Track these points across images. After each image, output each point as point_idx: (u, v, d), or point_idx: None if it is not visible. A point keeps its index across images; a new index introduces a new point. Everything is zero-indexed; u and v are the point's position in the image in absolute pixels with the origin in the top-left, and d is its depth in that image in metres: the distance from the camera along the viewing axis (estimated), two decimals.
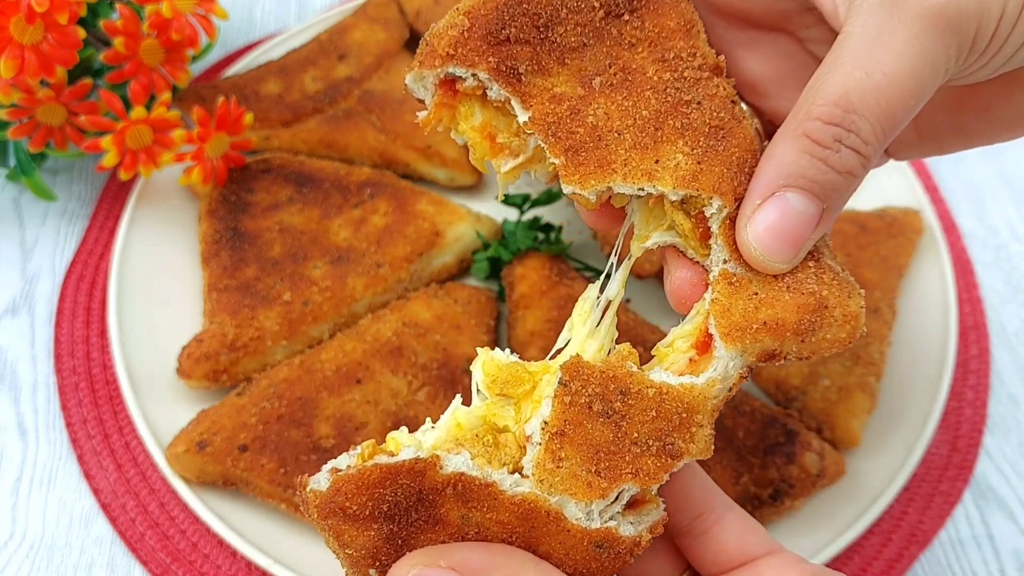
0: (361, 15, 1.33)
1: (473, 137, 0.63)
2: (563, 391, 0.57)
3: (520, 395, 0.60)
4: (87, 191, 1.24)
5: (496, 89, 0.61)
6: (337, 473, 0.55)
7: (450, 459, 0.56)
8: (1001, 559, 0.95)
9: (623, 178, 0.59)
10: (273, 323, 1.00)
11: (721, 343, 0.57)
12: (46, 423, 1.03)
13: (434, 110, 0.64)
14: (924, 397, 0.98)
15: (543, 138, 0.60)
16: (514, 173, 0.64)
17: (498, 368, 0.61)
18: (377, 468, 0.54)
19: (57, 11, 0.96)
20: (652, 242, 0.63)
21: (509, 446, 0.59)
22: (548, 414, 0.57)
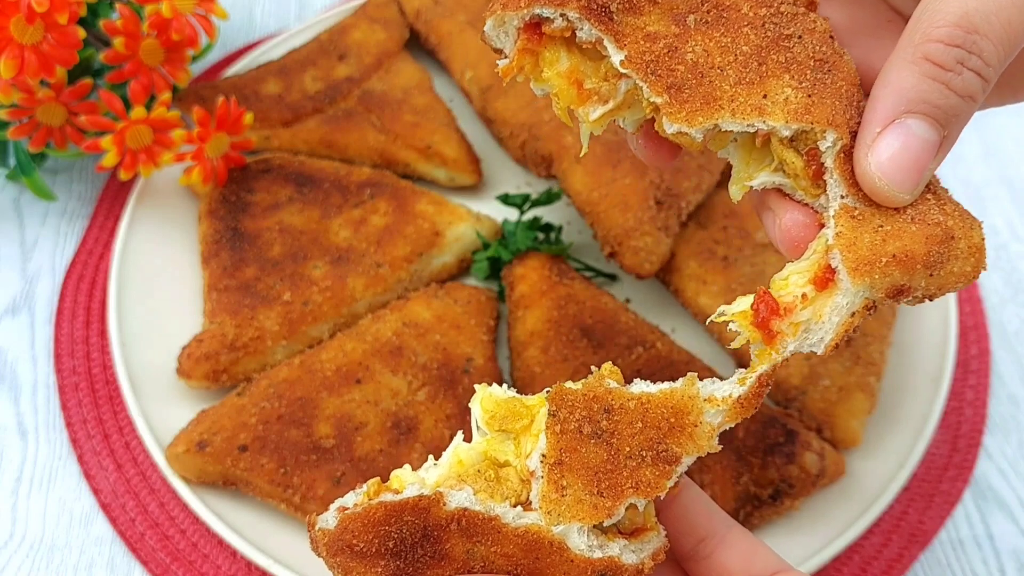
0: (361, 15, 1.33)
1: (559, 84, 0.59)
2: (552, 421, 0.58)
3: (519, 430, 0.60)
4: (87, 191, 1.24)
5: (587, 29, 0.57)
6: (344, 511, 0.57)
7: (453, 495, 0.56)
8: (1001, 559, 0.95)
9: (731, 114, 0.56)
10: (273, 323, 1.00)
11: (848, 278, 0.54)
12: (46, 423, 1.03)
13: (516, 57, 0.59)
14: (924, 397, 0.98)
15: (641, 77, 0.57)
16: (603, 120, 0.60)
17: (496, 404, 0.61)
18: (382, 506, 0.56)
19: (57, 11, 0.97)
20: (759, 181, 0.59)
21: (511, 480, 0.59)
22: (544, 446, 0.58)
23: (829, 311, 0.55)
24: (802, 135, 0.57)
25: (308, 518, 0.59)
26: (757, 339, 0.58)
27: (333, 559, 0.57)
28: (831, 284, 0.55)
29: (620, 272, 1.11)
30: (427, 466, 0.61)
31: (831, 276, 0.55)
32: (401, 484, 0.59)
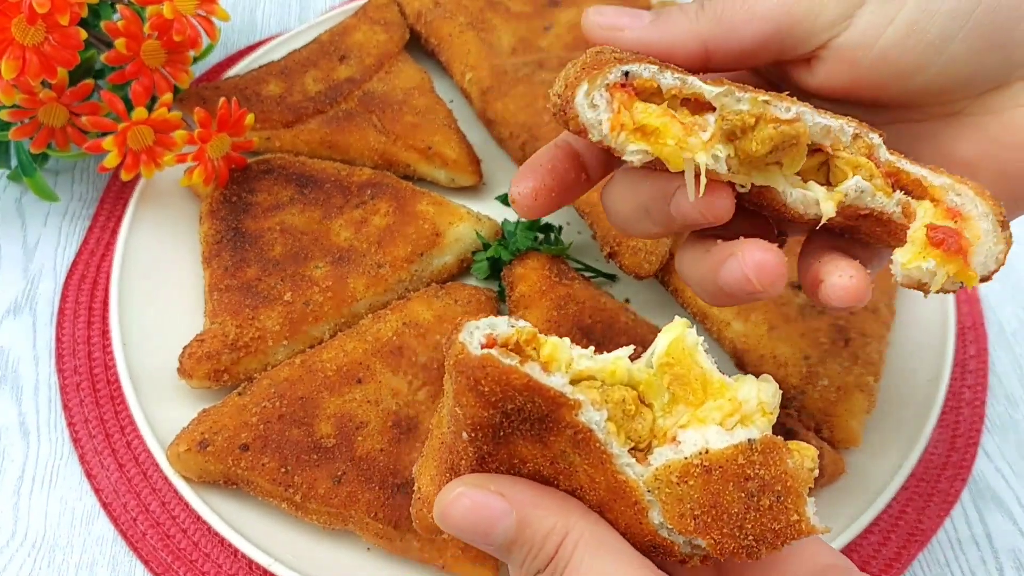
0: (362, 16, 1.34)
1: (663, 122, 0.60)
2: (747, 448, 0.57)
3: (684, 396, 0.60)
4: (89, 191, 1.25)
5: (670, 75, 0.61)
6: (491, 348, 0.56)
7: (589, 412, 0.56)
8: (999, 558, 0.95)
9: (815, 112, 0.61)
10: (274, 323, 1.01)
11: (979, 199, 0.59)
12: (48, 423, 1.03)
13: (619, 109, 0.61)
14: (923, 397, 0.99)
15: (740, 89, 0.60)
16: (709, 145, 0.61)
17: (682, 355, 0.60)
18: (526, 378, 0.55)
19: (58, 12, 0.97)
20: (851, 185, 0.61)
21: (644, 422, 0.59)
22: (714, 445, 0.57)
23: (983, 231, 0.59)
24: (854, 143, 0.61)
25: (457, 324, 0.57)
26: (955, 268, 0.59)
27: (458, 375, 0.56)
28: (961, 219, 0.59)
29: (619, 272, 1.11)
30: (584, 353, 0.59)
31: (957, 215, 0.59)
32: (553, 359, 0.58)
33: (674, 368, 0.60)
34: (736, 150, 0.61)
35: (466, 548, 0.87)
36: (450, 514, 0.58)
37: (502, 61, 1.25)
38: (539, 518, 0.58)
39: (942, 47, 0.60)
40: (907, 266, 0.60)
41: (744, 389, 0.59)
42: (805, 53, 0.64)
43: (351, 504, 0.88)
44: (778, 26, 0.63)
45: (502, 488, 0.58)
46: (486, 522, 0.57)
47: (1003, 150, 0.63)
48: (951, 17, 0.60)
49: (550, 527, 0.57)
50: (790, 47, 0.64)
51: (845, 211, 0.62)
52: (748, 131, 0.60)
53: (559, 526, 0.57)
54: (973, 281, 0.59)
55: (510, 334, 0.57)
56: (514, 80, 1.22)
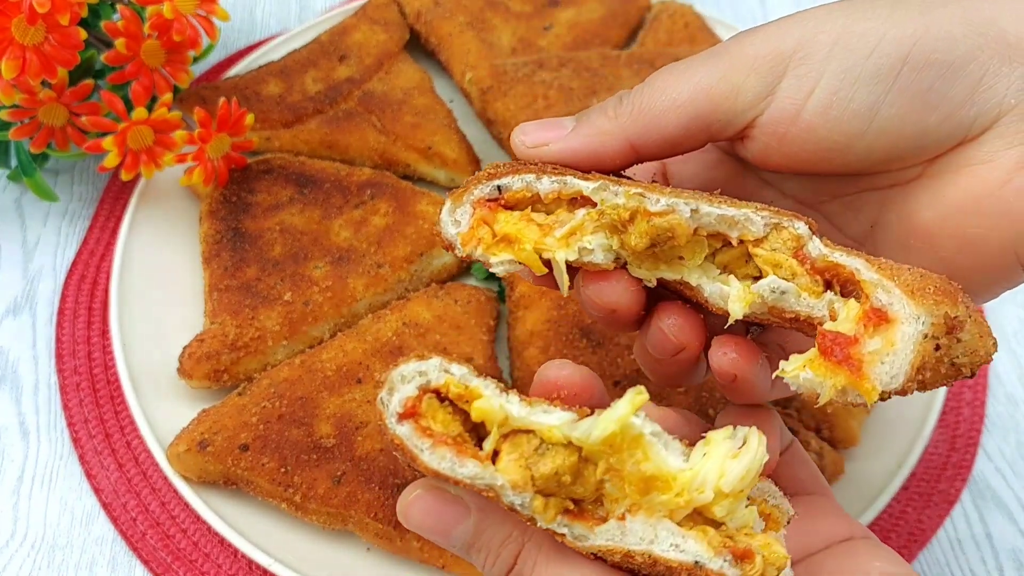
0: (361, 16, 1.34)
1: (520, 226, 0.61)
2: (693, 568, 0.54)
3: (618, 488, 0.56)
4: (88, 191, 1.25)
5: (547, 180, 0.61)
6: (411, 416, 0.55)
7: (509, 496, 0.55)
8: (999, 558, 0.95)
9: (707, 202, 0.59)
10: (274, 323, 1.01)
11: (908, 303, 0.53)
12: (47, 423, 1.03)
13: (475, 224, 0.62)
14: (922, 397, 0.99)
15: (614, 183, 0.60)
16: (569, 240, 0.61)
17: (624, 443, 0.55)
18: (433, 472, 0.54)
19: (58, 12, 0.97)
20: (766, 284, 0.58)
21: (586, 485, 0.56)
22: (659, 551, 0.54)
23: (899, 339, 0.53)
24: (774, 234, 0.58)
25: (383, 377, 0.56)
26: (844, 380, 0.54)
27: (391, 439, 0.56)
28: (884, 323, 0.54)
29: None
30: (520, 410, 0.55)
31: (882, 316, 0.54)
32: (486, 416, 0.55)
33: (611, 458, 0.55)
34: (622, 244, 0.60)
35: None
36: (410, 514, 0.60)
37: (502, 61, 1.25)
38: (496, 523, 0.59)
39: (870, 115, 0.58)
40: (786, 374, 0.57)
41: (702, 474, 0.55)
42: (733, 134, 0.62)
43: (351, 504, 0.88)
44: (698, 111, 0.61)
45: (462, 492, 0.59)
46: (444, 524, 0.59)
47: (960, 215, 0.59)
48: (873, 82, 0.57)
49: (506, 534, 0.58)
50: (717, 131, 0.62)
51: (772, 311, 0.59)
52: (627, 225, 0.59)
53: (515, 535, 0.58)
54: (872, 396, 0.53)
55: (440, 384, 0.56)
56: (514, 80, 1.22)
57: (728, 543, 0.55)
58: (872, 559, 0.60)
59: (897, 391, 0.54)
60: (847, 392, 0.55)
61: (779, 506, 0.60)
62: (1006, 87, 0.57)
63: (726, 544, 0.55)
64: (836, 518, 0.65)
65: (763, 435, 0.56)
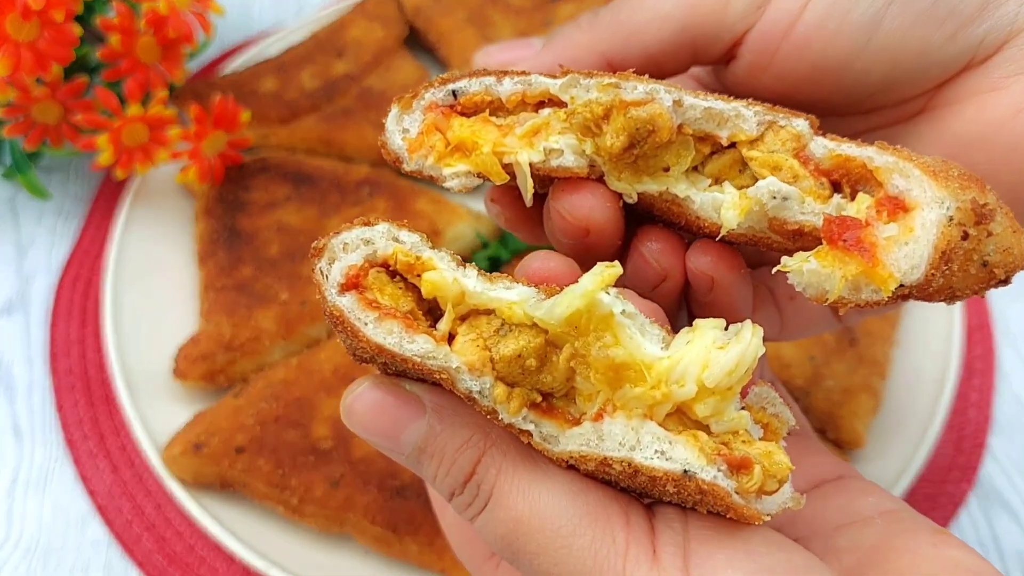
0: (359, 12, 1.32)
1: (476, 128, 0.54)
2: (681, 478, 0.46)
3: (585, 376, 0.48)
4: (82, 189, 1.23)
5: (509, 82, 0.53)
6: (353, 287, 0.48)
7: (466, 382, 0.48)
8: (1006, 561, 0.94)
9: (692, 94, 0.51)
10: (270, 323, 0.99)
11: (931, 184, 0.45)
12: (41, 424, 1.02)
13: (426, 130, 0.55)
14: (929, 398, 0.97)
15: (584, 75, 0.52)
16: (532, 140, 0.53)
17: (591, 322, 0.47)
18: (377, 347, 0.47)
19: (53, 8, 0.96)
20: (765, 187, 0.50)
21: (555, 372, 0.48)
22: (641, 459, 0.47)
23: (920, 225, 0.45)
24: (770, 134, 0.52)
25: (320, 242, 0.49)
26: (855, 268, 0.47)
27: (322, 313, 0.49)
28: (901, 211, 0.46)
29: None
30: (479, 284, 0.48)
31: (899, 203, 0.47)
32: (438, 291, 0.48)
33: (576, 342, 0.47)
34: (597, 148, 0.52)
35: None
36: (354, 410, 0.51)
37: None
38: (455, 424, 0.50)
39: (870, 28, 0.52)
40: (788, 268, 0.49)
41: (683, 364, 0.47)
42: (721, 52, 0.56)
43: (348, 507, 0.87)
44: (684, 24, 0.55)
45: (416, 390, 0.51)
46: (393, 422, 0.51)
47: (968, 150, 0.54)
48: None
49: (465, 438, 0.50)
50: (702, 47, 0.56)
51: (773, 224, 0.51)
52: (602, 123, 0.51)
53: (476, 439, 0.50)
54: (888, 285, 0.46)
55: (388, 253, 0.49)
56: None
57: (723, 451, 0.47)
58: (864, 496, 0.54)
59: (919, 283, 0.46)
60: (860, 285, 0.47)
61: (779, 415, 0.51)
62: (1019, 4, 0.51)
63: (720, 452, 0.47)
64: (821, 456, 0.59)
65: (758, 327, 0.48)
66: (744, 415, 0.48)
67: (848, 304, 0.48)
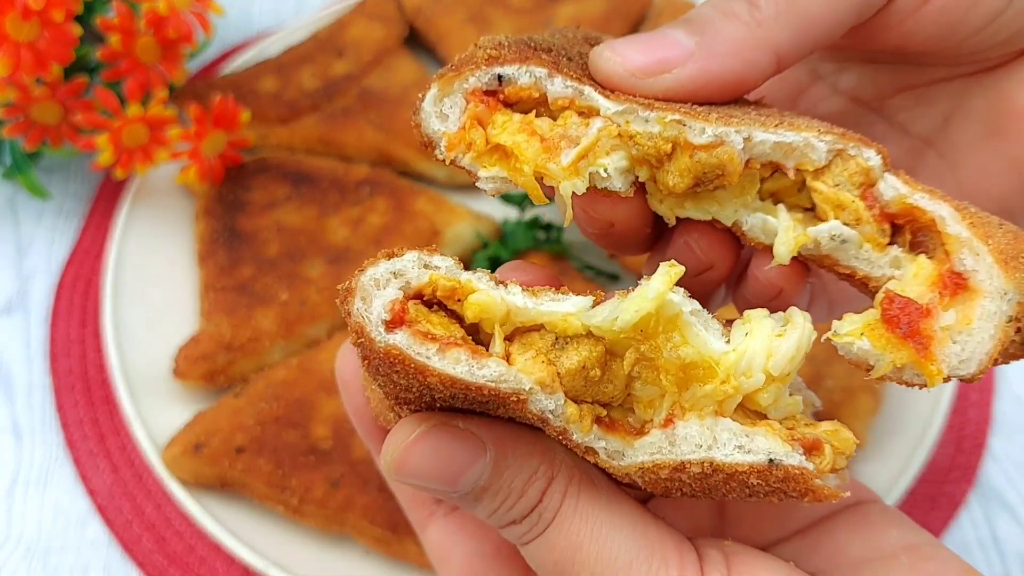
0: (359, 12, 1.32)
1: (518, 140, 0.50)
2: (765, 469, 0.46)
3: (652, 379, 0.47)
4: (82, 189, 1.23)
5: (561, 82, 0.49)
6: (399, 324, 0.44)
7: (540, 401, 0.45)
8: (1007, 562, 0.94)
9: (760, 126, 0.48)
10: (270, 323, 0.99)
11: (1000, 274, 0.44)
12: (41, 424, 1.02)
13: (468, 123, 0.50)
14: (928, 398, 0.97)
15: (644, 107, 0.48)
16: (578, 167, 0.49)
17: (659, 325, 0.46)
18: (450, 380, 0.43)
19: (53, 8, 0.96)
20: (826, 229, 0.48)
21: (615, 381, 0.47)
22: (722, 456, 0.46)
23: (979, 316, 0.45)
24: (838, 163, 0.49)
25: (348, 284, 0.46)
26: (906, 357, 0.46)
27: (363, 360, 0.45)
28: (963, 291, 0.45)
29: (621, 271, 1.10)
30: (523, 300, 0.46)
31: (962, 282, 0.45)
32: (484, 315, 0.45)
33: (642, 345, 0.46)
34: (653, 180, 0.50)
35: None
36: (410, 459, 0.46)
37: None
38: (520, 458, 0.47)
39: None
40: (839, 338, 0.48)
41: (748, 356, 0.47)
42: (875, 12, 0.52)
43: (348, 508, 0.87)
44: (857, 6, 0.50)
45: (471, 426, 0.47)
46: (456, 464, 0.46)
47: None
48: None
49: (533, 470, 0.47)
50: (865, 11, 0.52)
51: (824, 260, 0.50)
52: (665, 160, 0.49)
53: (543, 469, 0.47)
54: (935, 380, 0.45)
55: (423, 284, 0.46)
56: None
57: (796, 435, 0.47)
58: (888, 527, 0.52)
59: (965, 379, 0.45)
60: (905, 371, 0.47)
61: (805, 398, 0.51)
62: None
63: (793, 436, 0.46)
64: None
65: (807, 313, 0.48)
66: (798, 399, 0.48)
67: (888, 380, 0.47)
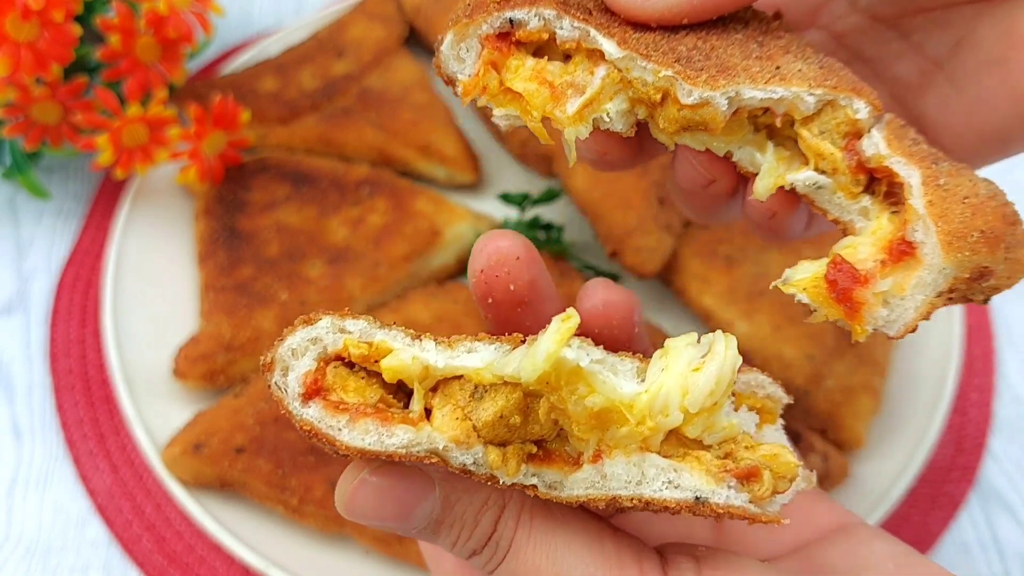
0: (359, 12, 1.32)
1: (529, 88, 0.54)
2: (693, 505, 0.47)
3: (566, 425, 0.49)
4: (82, 189, 1.23)
5: (568, 24, 0.53)
6: (314, 394, 0.46)
7: (458, 457, 0.47)
8: (1006, 562, 0.94)
9: (750, 80, 0.51)
10: (270, 323, 0.99)
11: (940, 252, 0.47)
12: (41, 424, 1.02)
13: (482, 70, 0.54)
14: (929, 398, 0.97)
15: (643, 54, 0.52)
16: (583, 115, 0.54)
17: (563, 377, 0.47)
18: (360, 452, 0.46)
19: (53, 8, 0.96)
20: (801, 177, 0.53)
21: (541, 421, 0.48)
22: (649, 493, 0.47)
23: (913, 286, 0.49)
24: (827, 112, 0.52)
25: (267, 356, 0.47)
26: (837, 314, 0.51)
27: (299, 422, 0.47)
28: (908, 258, 0.49)
29: (622, 272, 1.10)
30: (438, 354, 0.47)
31: (909, 250, 0.49)
32: (401, 374, 0.47)
33: (551, 397, 0.47)
34: (650, 116, 0.55)
35: None
36: (355, 504, 0.48)
37: None
38: (469, 490, 0.49)
39: None
40: (787, 287, 0.53)
41: (663, 394, 0.47)
42: None
43: None
44: None
45: (411, 470, 0.49)
46: (403, 504, 0.48)
47: None
48: None
49: (483, 500, 0.49)
50: None
51: (803, 198, 0.55)
52: (656, 107, 0.53)
53: (493, 498, 0.49)
54: (859, 336, 0.51)
55: (339, 347, 0.47)
56: None
57: (727, 465, 0.47)
58: (873, 540, 0.55)
59: (889, 337, 0.51)
60: (838, 322, 0.52)
61: (770, 395, 0.52)
62: None
63: (726, 468, 0.47)
64: (828, 504, 0.60)
65: (731, 336, 0.49)
66: (735, 422, 0.48)
67: (808, 319, 0.52)
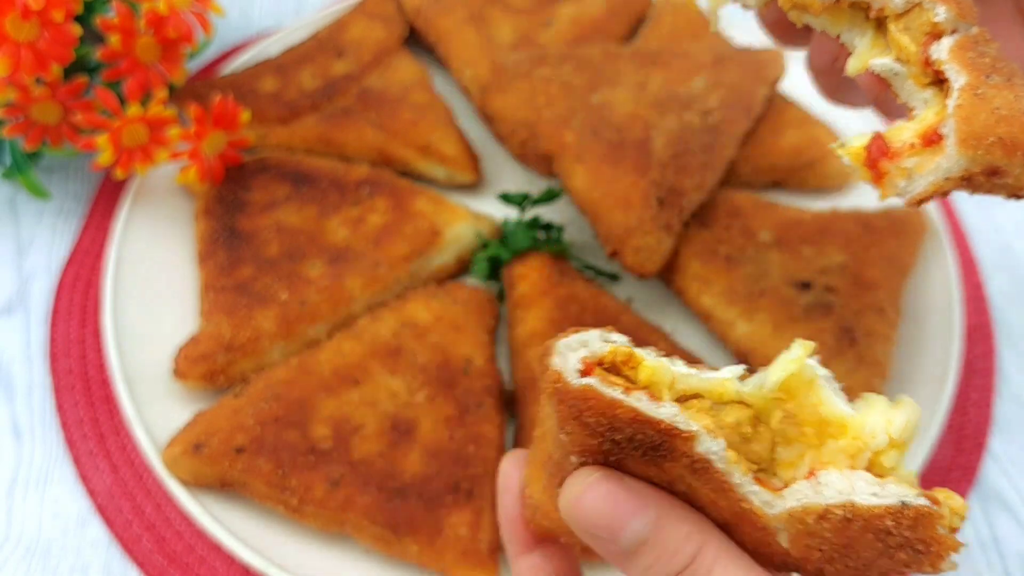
0: (359, 12, 1.32)
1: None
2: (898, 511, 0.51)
3: (794, 436, 0.54)
4: (82, 189, 1.23)
5: None
6: (590, 374, 0.52)
7: (706, 443, 0.52)
8: (1007, 562, 0.94)
9: None
10: (270, 323, 0.99)
11: (955, 146, 0.58)
12: (41, 424, 1.02)
13: None
14: (929, 398, 0.97)
15: None
16: None
17: (799, 389, 0.54)
18: (634, 412, 0.51)
19: (53, 8, 0.96)
20: (880, 63, 0.65)
21: (762, 443, 0.54)
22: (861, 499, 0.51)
23: (930, 169, 0.60)
24: (916, 12, 0.62)
25: (547, 345, 0.53)
26: (866, 176, 0.64)
27: (559, 404, 0.53)
28: (935, 146, 0.60)
29: (622, 272, 1.10)
30: (686, 371, 0.55)
31: (937, 140, 0.60)
32: (655, 380, 0.54)
33: (786, 404, 0.54)
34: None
35: (466, 552, 0.86)
36: (585, 502, 0.53)
37: (502, 56, 1.23)
38: (677, 519, 0.53)
39: None
40: (841, 149, 0.66)
41: (871, 421, 0.54)
42: None
43: (348, 508, 0.87)
44: None
45: (635, 486, 0.54)
46: (620, 516, 0.53)
47: None
48: None
49: (687, 533, 0.53)
50: None
51: (884, 80, 0.66)
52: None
53: (696, 534, 0.53)
54: (883, 197, 0.64)
55: (604, 352, 0.54)
56: (514, 75, 1.20)
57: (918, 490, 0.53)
58: None
59: (907, 202, 0.62)
60: (868, 183, 0.65)
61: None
62: None
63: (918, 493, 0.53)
64: None
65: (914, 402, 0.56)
66: (912, 472, 0.55)
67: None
